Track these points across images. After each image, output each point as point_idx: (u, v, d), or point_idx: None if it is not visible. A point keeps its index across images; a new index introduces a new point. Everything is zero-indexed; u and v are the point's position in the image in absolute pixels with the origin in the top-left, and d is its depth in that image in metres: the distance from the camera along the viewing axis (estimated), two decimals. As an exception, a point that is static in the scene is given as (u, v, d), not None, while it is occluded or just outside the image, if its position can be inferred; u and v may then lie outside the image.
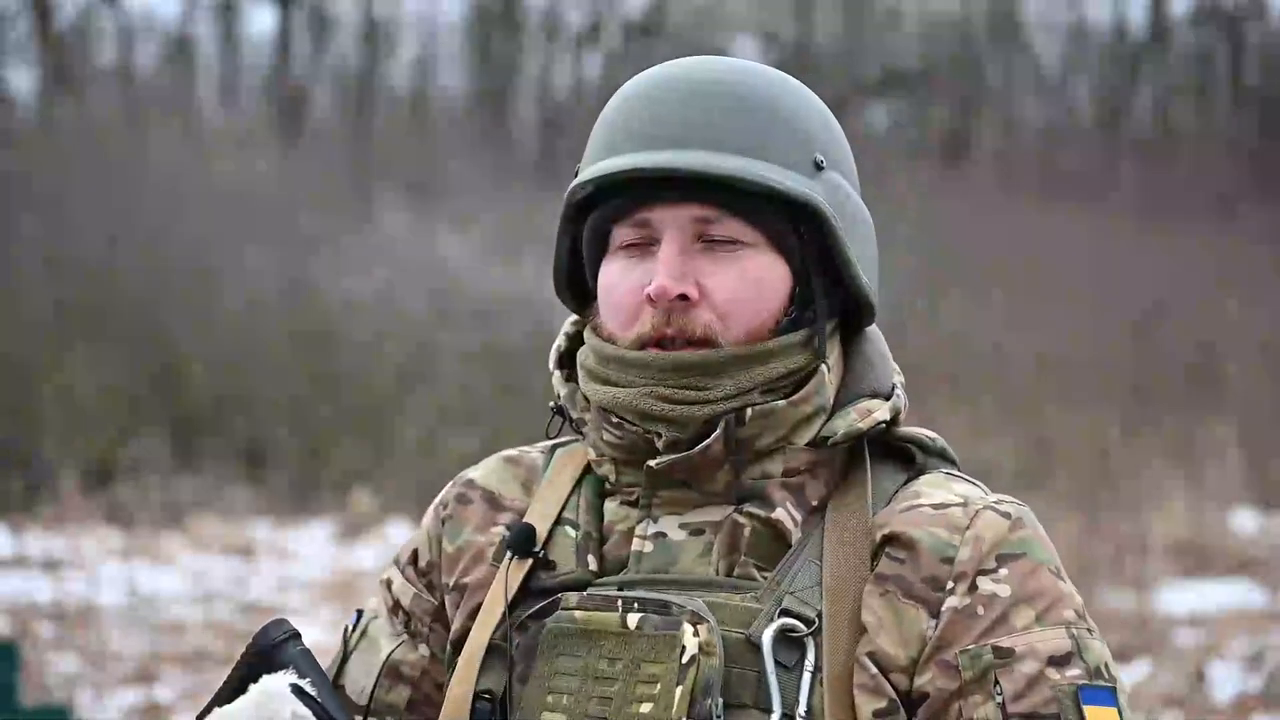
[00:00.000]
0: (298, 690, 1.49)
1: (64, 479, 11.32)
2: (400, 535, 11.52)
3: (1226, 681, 7.40)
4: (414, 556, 1.66)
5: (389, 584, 1.66)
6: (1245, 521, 11.56)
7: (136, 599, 8.81)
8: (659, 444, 1.49)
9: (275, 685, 1.49)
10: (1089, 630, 1.46)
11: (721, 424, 1.47)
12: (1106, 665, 1.45)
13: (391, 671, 1.61)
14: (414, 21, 25.16)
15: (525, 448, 1.69)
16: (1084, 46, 26.31)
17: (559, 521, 1.57)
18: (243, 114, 22.38)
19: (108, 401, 13.25)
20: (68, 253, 14.22)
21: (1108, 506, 10.29)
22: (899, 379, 1.59)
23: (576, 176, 1.54)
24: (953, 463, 1.58)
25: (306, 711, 1.48)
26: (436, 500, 1.68)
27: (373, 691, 1.61)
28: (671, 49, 24.32)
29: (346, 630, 1.66)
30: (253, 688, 1.50)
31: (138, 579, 9.14)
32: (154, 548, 10.53)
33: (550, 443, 1.66)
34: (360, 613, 1.67)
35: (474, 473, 1.68)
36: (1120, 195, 21.54)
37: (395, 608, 1.64)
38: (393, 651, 1.62)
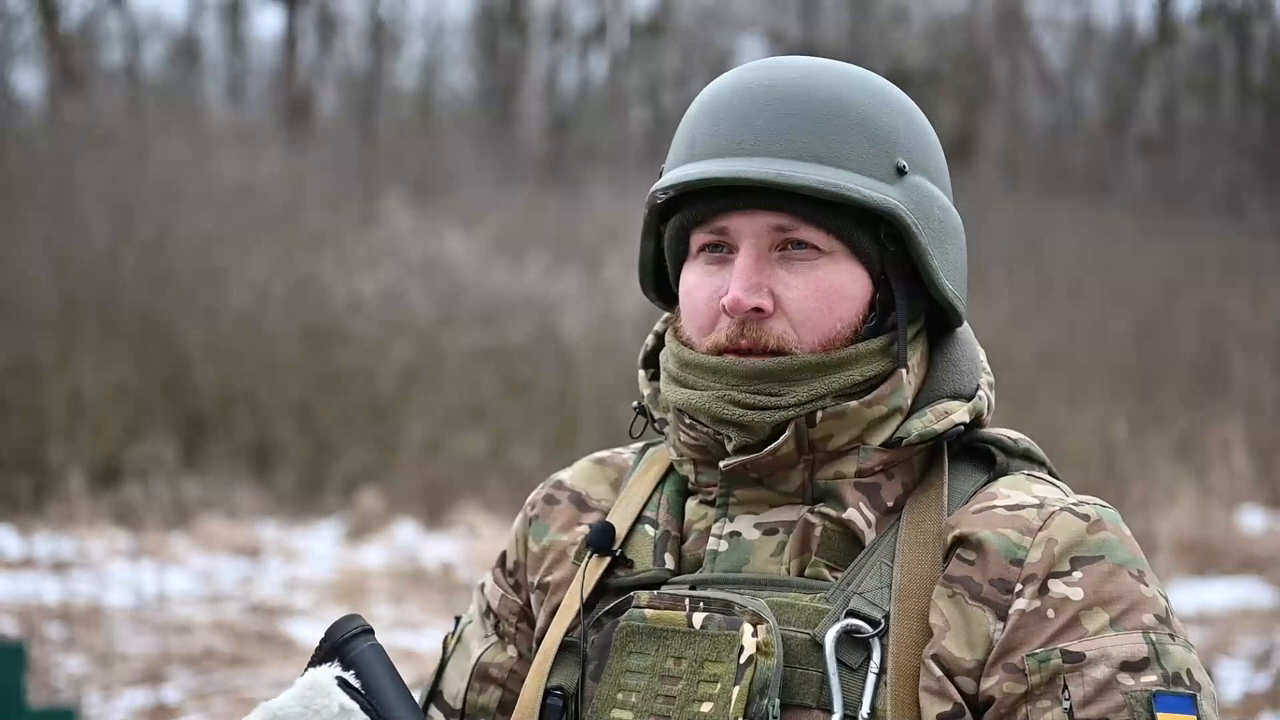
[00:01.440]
0: (343, 683, 1.50)
1: (71, 480, 11.32)
2: (407, 535, 11.53)
3: (1234, 680, 7.39)
4: (503, 558, 1.69)
5: (482, 587, 1.69)
6: (1253, 520, 11.55)
7: (144, 599, 8.81)
8: (729, 446, 1.50)
9: (322, 677, 1.50)
10: (1171, 635, 1.42)
11: (791, 426, 1.47)
12: (1189, 671, 1.40)
13: (481, 674, 1.64)
14: (420, 21, 25.17)
15: (618, 449, 1.71)
16: (1090, 45, 26.29)
17: (640, 520, 1.58)
18: (249, 114, 22.40)
19: (114, 402, 13.26)
20: (74, 253, 14.23)
21: (1115, 503, 10.26)
22: (986, 380, 1.59)
23: (659, 179, 1.54)
24: (1039, 463, 1.57)
25: (353, 704, 1.49)
26: (526, 501, 1.70)
27: (465, 695, 1.63)
28: (677, 49, 24.34)
29: (447, 637, 1.69)
30: (299, 680, 1.50)
31: (145, 579, 9.14)
32: (161, 548, 10.53)
33: (642, 443, 1.68)
34: (459, 619, 1.70)
35: (563, 474, 1.70)
36: (1127, 193, 21.53)
37: (487, 611, 1.67)
38: (482, 654, 1.64)
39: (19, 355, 13.30)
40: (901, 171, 1.50)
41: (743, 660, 1.41)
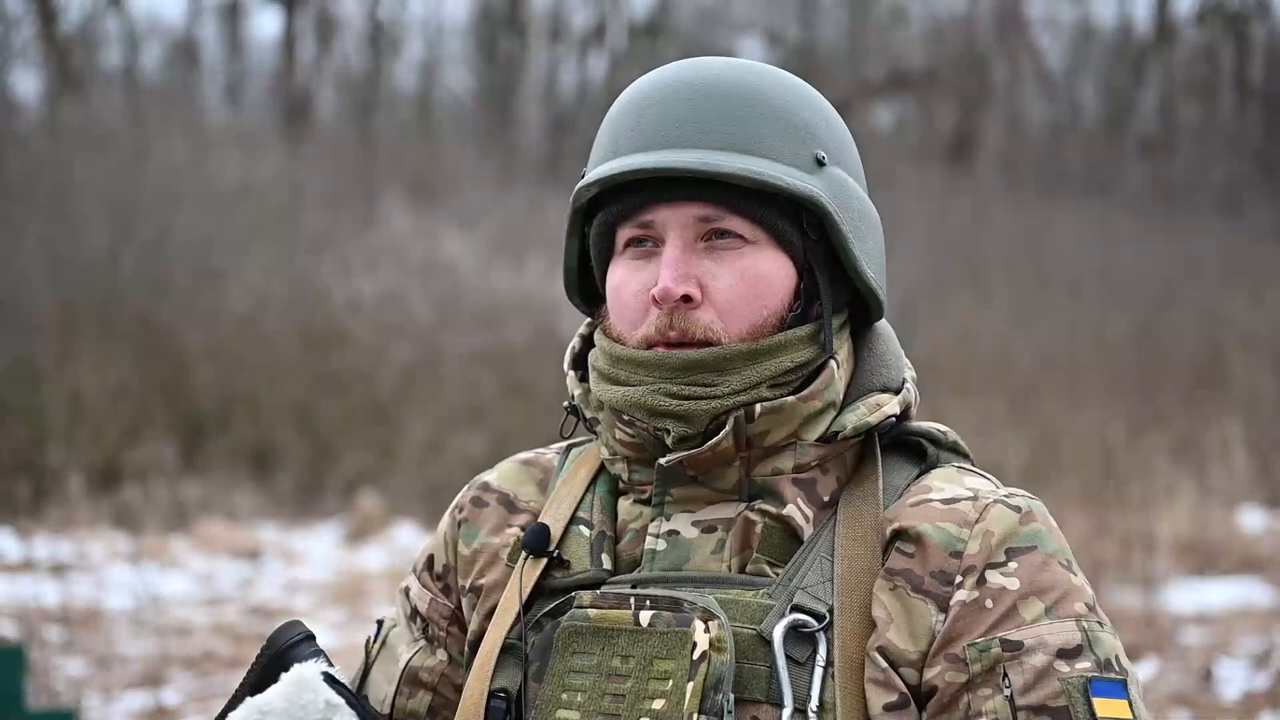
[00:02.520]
0: (329, 678, 1.50)
1: (71, 482, 11.32)
2: (407, 537, 11.52)
3: (1233, 679, 7.39)
4: (430, 562, 1.67)
5: (407, 591, 1.68)
6: (1252, 519, 11.55)
7: (143, 602, 8.81)
8: (668, 440, 1.50)
9: (308, 673, 1.50)
10: (1099, 623, 1.45)
11: (731, 420, 1.48)
12: (1117, 658, 1.44)
13: (411, 678, 1.63)
14: (419, 23, 25.18)
15: (541, 449, 1.71)
16: (1089, 45, 26.30)
17: (573, 521, 1.58)
18: (248, 116, 22.40)
19: (114, 404, 13.26)
20: (73, 255, 14.23)
21: (1114, 505, 10.28)
22: (910, 373, 1.60)
23: (583, 179, 1.55)
24: (965, 456, 1.59)
25: (339, 699, 1.49)
26: (452, 504, 1.68)
27: (394, 699, 1.62)
28: (676, 50, 24.33)
29: (368, 641, 1.68)
30: (285, 676, 1.51)
31: (145, 582, 9.14)
32: (161, 551, 10.53)
33: (566, 443, 1.68)
34: (381, 623, 1.69)
35: (489, 475, 1.69)
36: (1126, 193, 21.55)
37: (413, 614, 1.66)
38: (411, 658, 1.63)
39: (18, 357, 13.30)
40: (821, 162, 1.52)
41: (696, 656, 1.42)
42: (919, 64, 24.45)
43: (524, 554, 1.56)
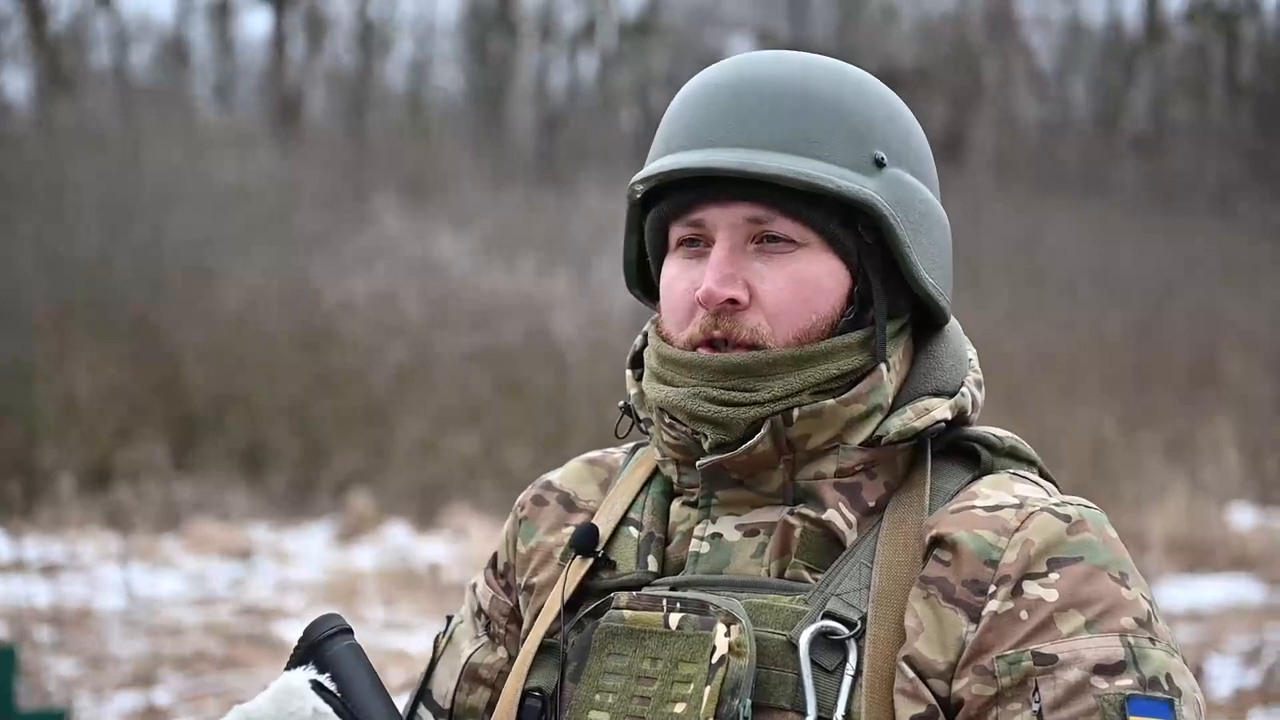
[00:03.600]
0: (317, 686, 1.49)
1: (62, 482, 11.30)
2: (399, 537, 11.51)
3: (1225, 676, 7.40)
4: (494, 559, 1.68)
5: (474, 588, 1.69)
6: (1243, 517, 11.57)
7: (135, 602, 8.80)
8: (705, 445, 1.49)
9: (295, 681, 1.49)
10: (1151, 640, 1.38)
11: (767, 424, 1.46)
12: (1169, 676, 1.37)
13: (471, 674, 1.63)
14: (409, 22, 25.15)
15: (609, 449, 1.70)
16: (1080, 43, 26.32)
17: (624, 522, 1.57)
18: (239, 115, 22.37)
19: (106, 404, 13.24)
20: (65, 255, 14.21)
21: (1107, 502, 10.27)
22: (974, 377, 1.57)
23: (637, 175, 1.54)
24: (1028, 461, 1.55)
25: (326, 708, 1.48)
26: (516, 501, 1.69)
27: (454, 695, 1.63)
28: (667, 49, 24.34)
29: (437, 637, 1.68)
30: (272, 684, 1.50)
31: (136, 582, 9.13)
32: (152, 551, 10.52)
33: (633, 443, 1.67)
34: (450, 618, 1.70)
35: (553, 474, 1.69)
36: (1118, 192, 21.55)
37: (478, 611, 1.67)
38: (472, 654, 1.64)
39: (10, 357, 13.28)
40: (880, 163, 1.49)
41: (715, 660, 1.40)
42: (910, 63, 24.45)
43: (572, 553, 1.56)
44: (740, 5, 25.68)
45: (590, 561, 1.55)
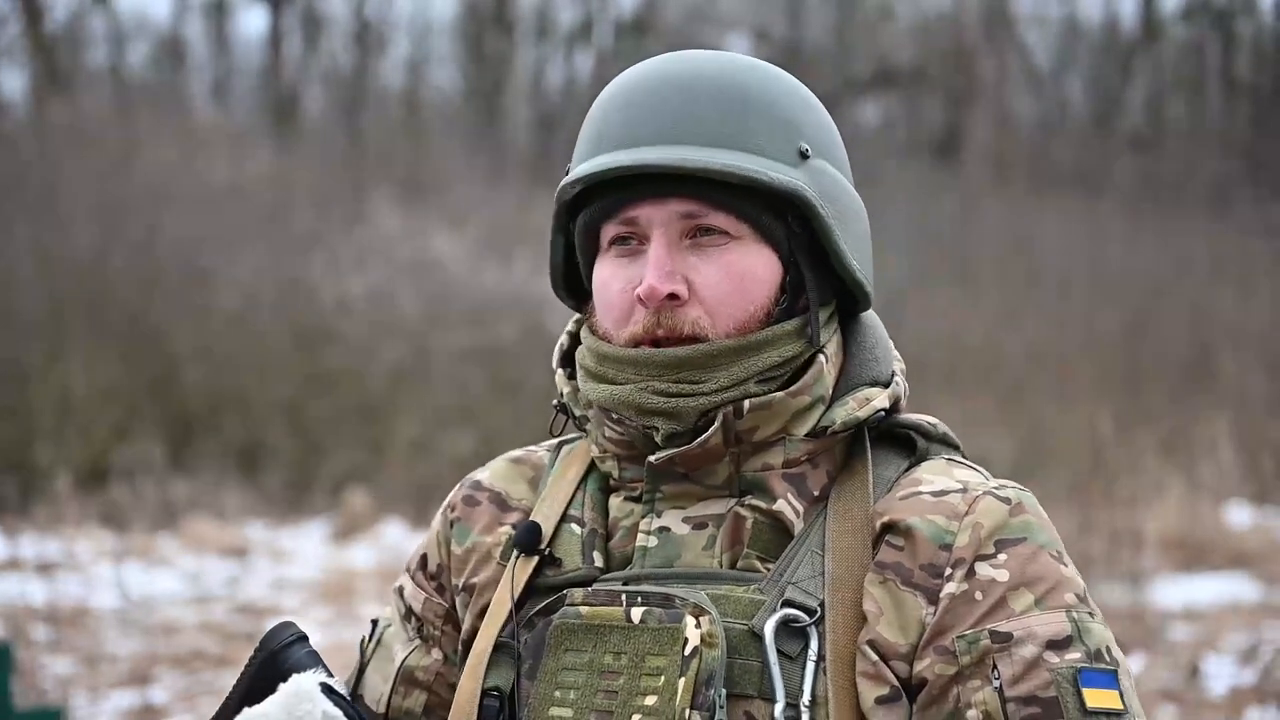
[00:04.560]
0: (328, 689, 1.50)
1: (58, 481, 11.30)
2: (395, 535, 11.51)
3: (1221, 675, 7.40)
4: (423, 561, 1.67)
5: (401, 591, 1.68)
6: (1239, 515, 11.57)
7: (131, 601, 8.80)
8: (658, 438, 1.50)
9: (306, 684, 1.49)
10: (1090, 614, 1.45)
11: (719, 417, 1.48)
12: (1108, 648, 1.44)
13: (406, 677, 1.62)
14: (405, 21, 25.15)
15: (532, 447, 1.70)
16: (1076, 42, 26.33)
17: (565, 519, 1.58)
18: (235, 114, 22.37)
19: (102, 403, 13.24)
20: (61, 254, 14.20)
21: (1102, 500, 10.29)
22: (899, 366, 1.60)
23: (567, 175, 1.54)
24: (955, 448, 1.59)
25: (337, 711, 1.48)
26: (444, 503, 1.68)
27: (389, 699, 1.62)
28: (663, 47, 24.33)
29: (364, 640, 1.68)
30: (283, 687, 1.50)
31: (132, 581, 9.13)
32: (148, 549, 10.52)
33: (556, 441, 1.67)
34: (375, 622, 1.69)
35: (481, 474, 1.68)
36: (1113, 190, 21.56)
37: (408, 614, 1.66)
38: (406, 658, 1.63)
39: (7, 356, 13.27)
40: (804, 155, 1.52)
41: (687, 652, 1.42)
42: (906, 61, 24.46)
43: (516, 552, 1.56)
44: (736, 4, 25.70)
45: (535, 559, 1.55)
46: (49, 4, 20.85)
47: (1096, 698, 1.40)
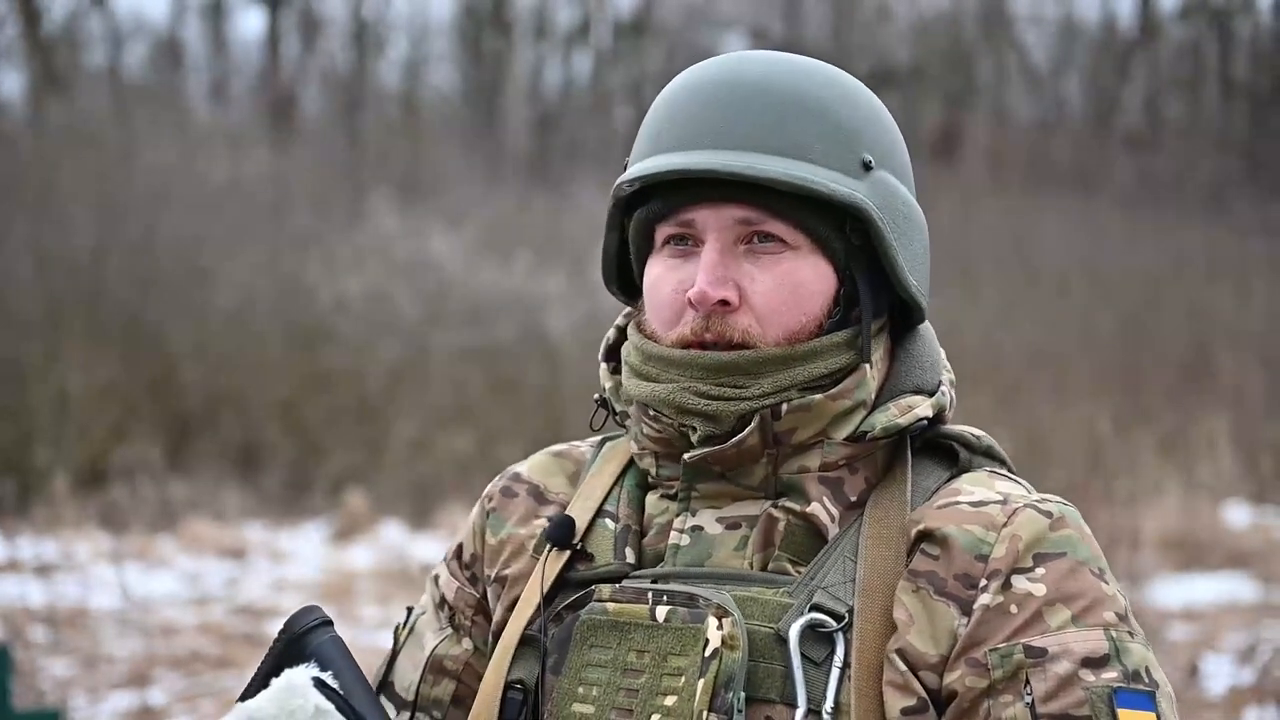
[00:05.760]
0: (320, 683, 1.49)
1: (56, 482, 11.29)
2: (394, 535, 11.51)
3: (1219, 674, 7.41)
4: (459, 550, 1.67)
5: (436, 578, 1.68)
6: (1238, 515, 11.58)
7: (129, 602, 8.80)
8: (694, 438, 1.49)
9: (298, 678, 1.49)
10: (1130, 633, 1.43)
11: (757, 417, 1.47)
12: (1148, 669, 1.41)
13: (435, 666, 1.62)
14: (403, 21, 25.14)
15: (575, 442, 1.70)
16: (1074, 42, 26.33)
17: (600, 514, 1.57)
18: (233, 114, 22.35)
19: (100, 403, 13.23)
20: (59, 254, 14.19)
21: (1100, 500, 10.30)
22: (948, 376, 1.59)
23: (625, 170, 1.54)
24: (1000, 461, 1.57)
25: (329, 705, 1.48)
26: (483, 493, 1.68)
27: (418, 686, 1.62)
28: (662, 48, 24.33)
29: (397, 627, 1.68)
30: (275, 681, 1.49)
31: (131, 582, 9.13)
32: (147, 550, 10.51)
33: (600, 437, 1.67)
34: (410, 610, 1.69)
35: (520, 466, 1.69)
36: (1111, 189, 21.56)
37: (441, 602, 1.66)
38: (437, 646, 1.63)
39: (4, 357, 13.26)
40: (867, 166, 1.50)
41: (708, 653, 1.41)
42: (904, 60, 24.46)
43: (548, 546, 1.56)
44: (734, 4, 25.69)
45: (567, 553, 1.55)
46: (47, 5, 20.84)
47: (1131, 719, 1.38)
